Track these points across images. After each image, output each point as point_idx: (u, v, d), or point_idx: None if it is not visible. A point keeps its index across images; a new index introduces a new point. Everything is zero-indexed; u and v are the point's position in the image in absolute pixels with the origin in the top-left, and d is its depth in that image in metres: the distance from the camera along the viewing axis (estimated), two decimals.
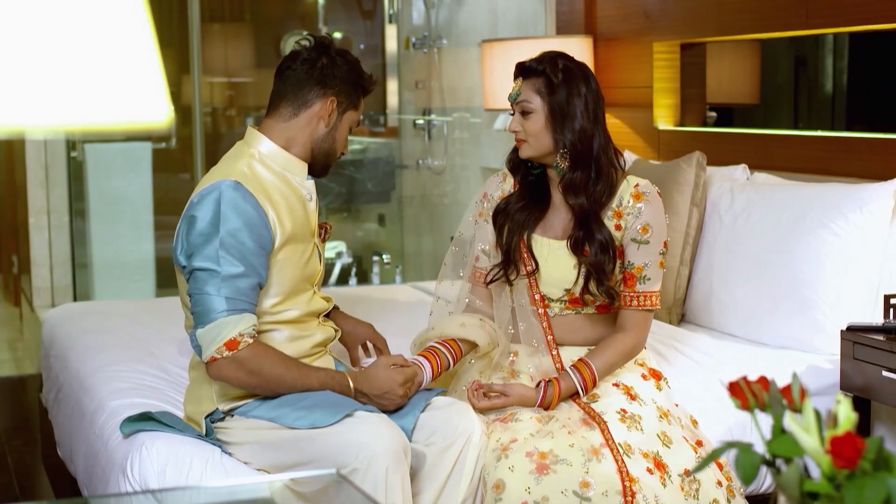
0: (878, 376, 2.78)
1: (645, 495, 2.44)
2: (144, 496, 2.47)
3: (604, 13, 4.74)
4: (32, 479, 4.12)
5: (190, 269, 2.47)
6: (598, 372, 2.66)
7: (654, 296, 2.71)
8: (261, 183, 2.54)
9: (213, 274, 2.43)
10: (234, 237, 2.44)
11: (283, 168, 2.59)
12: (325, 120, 2.60)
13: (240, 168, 2.54)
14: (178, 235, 2.52)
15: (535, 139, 2.68)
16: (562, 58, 2.70)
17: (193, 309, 2.47)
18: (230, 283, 2.43)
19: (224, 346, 2.42)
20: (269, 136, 2.60)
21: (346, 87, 2.62)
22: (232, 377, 2.47)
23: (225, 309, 2.42)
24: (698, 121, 4.44)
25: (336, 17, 6.92)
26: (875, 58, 4.06)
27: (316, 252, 2.66)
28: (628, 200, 2.70)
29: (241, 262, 2.45)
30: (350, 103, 2.64)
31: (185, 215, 2.51)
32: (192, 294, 2.47)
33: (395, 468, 2.36)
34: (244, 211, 2.46)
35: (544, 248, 2.74)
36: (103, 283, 5.81)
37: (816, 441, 1.37)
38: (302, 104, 2.60)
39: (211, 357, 2.43)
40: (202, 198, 2.48)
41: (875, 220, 3.14)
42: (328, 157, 2.65)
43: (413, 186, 6.53)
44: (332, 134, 2.63)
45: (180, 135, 6.19)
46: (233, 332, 2.42)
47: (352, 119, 2.66)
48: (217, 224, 2.44)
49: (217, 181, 2.50)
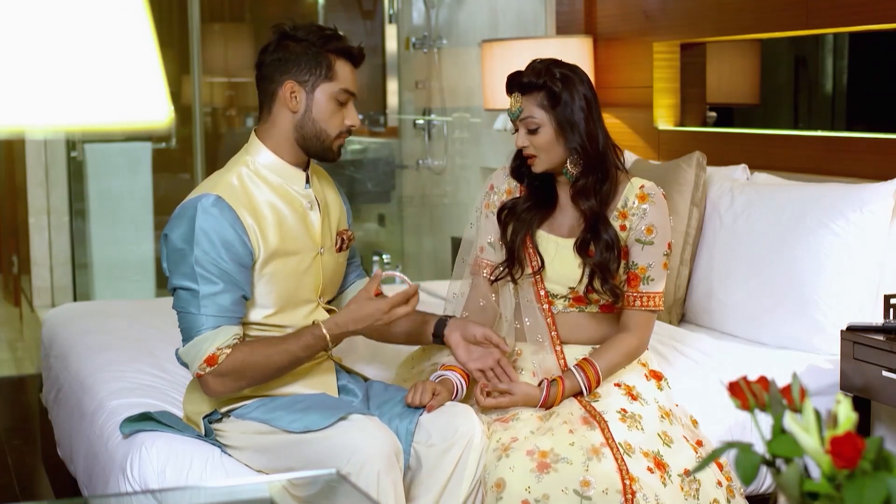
0: (878, 376, 2.78)
1: (645, 494, 2.44)
2: (144, 496, 2.47)
3: (604, 13, 4.74)
4: (32, 479, 4.12)
5: (171, 287, 2.48)
6: (602, 372, 2.66)
7: (657, 296, 2.71)
8: (248, 196, 2.50)
9: (193, 293, 2.43)
10: (208, 255, 2.42)
11: (281, 178, 2.55)
12: (291, 105, 2.52)
13: (228, 179, 2.51)
14: (162, 245, 2.51)
15: (546, 153, 2.67)
16: (555, 65, 2.68)
17: (179, 326, 2.49)
18: (210, 301, 2.42)
19: (205, 362, 2.42)
20: (263, 140, 2.57)
21: (306, 63, 2.51)
22: (222, 390, 2.47)
23: (202, 328, 2.42)
24: (698, 121, 4.44)
25: (336, 17, 6.93)
26: (875, 58, 4.06)
27: (319, 264, 2.60)
28: (633, 201, 2.70)
29: (220, 278, 2.43)
30: (317, 77, 2.52)
31: (164, 231, 2.49)
32: (177, 311, 2.48)
33: (386, 472, 2.35)
34: (218, 229, 2.43)
35: (551, 245, 2.74)
36: (103, 283, 5.82)
37: (816, 441, 1.37)
38: (271, 100, 2.56)
39: (196, 374, 2.46)
40: (180, 216, 2.47)
41: (875, 220, 3.14)
42: (319, 139, 2.54)
43: (413, 186, 6.53)
44: (310, 115, 2.53)
45: (180, 135, 6.20)
46: (211, 348, 2.42)
47: (329, 91, 2.52)
48: (191, 243, 2.42)
49: (198, 195, 2.47)
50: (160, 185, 6.02)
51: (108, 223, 5.86)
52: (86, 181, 5.80)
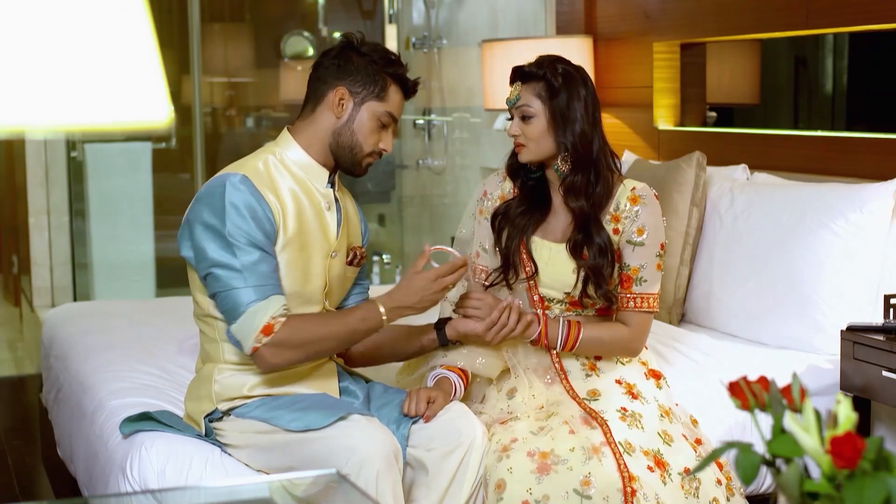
0: (878, 376, 2.78)
1: (645, 493, 2.45)
2: (144, 496, 2.47)
3: (604, 13, 4.74)
4: (32, 479, 4.12)
5: (207, 270, 2.46)
6: (582, 340, 2.68)
7: (651, 298, 2.71)
8: (272, 181, 2.54)
9: (232, 268, 2.43)
10: (241, 227, 2.44)
11: (305, 173, 2.58)
12: (336, 110, 2.57)
13: (253, 164, 2.55)
14: (186, 231, 2.51)
15: (535, 143, 2.68)
16: (560, 62, 2.70)
17: (221, 308, 2.47)
18: (252, 271, 2.43)
19: (261, 333, 2.42)
20: (295, 136, 2.60)
21: (362, 78, 2.57)
22: (280, 361, 2.46)
23: (253, 299, 2.42)
24: (698, 121, 4.44)
25: (336, 17, 6.93)
26: (875, 58, 4.07)
27: (328, 265, 2.60)
28: (625, 204, 2.70)
29: (255, 247, 2.45)
30: (368, 93, 2.57)
31: (192, 213, 2.50)
32: (217, 293, 2.46)
33: (385, 473, 2.35)
34: (248, 204, 2.46)
35: (544, 250, 2.74)
36: (103, 283, 5.82)
37: (816, 441, 1.37)
38: (318, 100, 2.60)
39: (252, 348, 2.43)
40: (207, 195, 2.49)
41: (875, 220, 3.14)
42: (352, 151, 2.59)
43: (413, 186, 6.53)
44: (350, 126, 2.58)
45: (180, 135, 6.20)
46: (265, 318, 2.42)
47: (375, 110, 2.58)
48: (223, 217, 2.44)
49: (225, 173, 2.51)
50: (160, 185, 6.02)
51: (108, 223, 5.86)
52: (86, 181, 5.79)
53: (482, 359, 2.71)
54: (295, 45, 6.74)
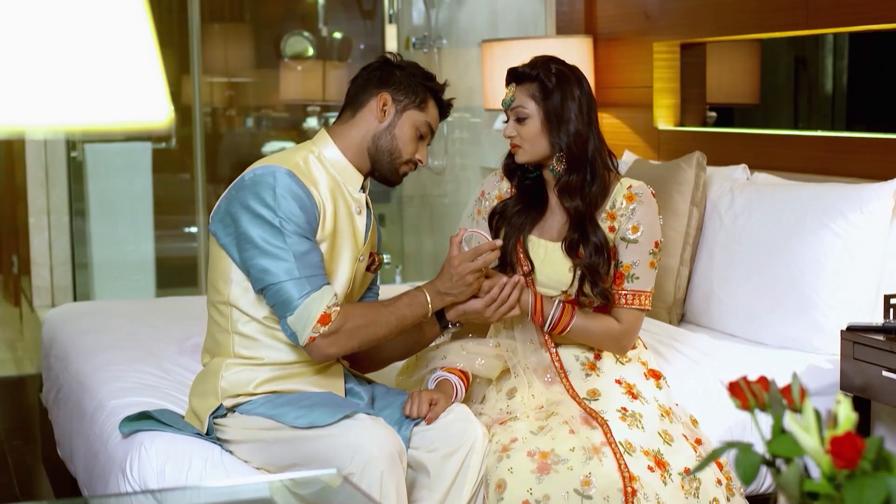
0: (878, 376, 2.79)
1: (646, 493, 2.45)
2: (144, 496, 2.47)
3: (604, 13, 4.74)
4: (32, 479, 4.12)
5: (253, 260, 2.46)
6: (573, 326, 2.69)
7: (643, 295, 2.71)
8: (313, 177, 2.56)
9: (283, 259, 2.44)
10: (292, 219, 2.46)
11: (340, 175, 2.60)
12: (378, 115, 2.61)
13: (295, 160, 2.56)
14: (227, 218, 2.51)
15: (530, 144, 2.69)
16: (554, 62, 2.71)
17: (271, 301, 2.47)
18: (304, 262, 2.45)
19: (318, 323, 2.43)
20: (334, 137, 2.63)
21: (405, 87, 2.63)
22: (334, 351, 2.48)
23: (307, 290, 2.43)
24: (698, 121, 4.44)
25: (336, 17, 6.93)
26: (875, 58, 4.07)
27: (354, 268, 2.61)
28: (622, 202, 2.71)
29: (305, 238, 2.47)
30: (410, 102, 2.63)
31: (237, 201, 2.49)
32: (268, 287, 2.46)
33: (389, 473, 2.36)
34: (298, 195, 2.47)
35: (540, 249, 2.74)
36: (103, 283, 5.82)
37: (816, 441, 1.37)
38: (360, 105, 2.63)
39: (309, 338, 2.44)
40: (255, 183, 2.49)
41: (875, 220, 3.14)
42: (392, 157, 2.62)
43: (413, 186, 6.53)
44: (391, 131, 2.61)
45: (180, 135, 6.20)
46: (322, 308, 2.43)
47: (416, 119, 2.63)
48: (275, 208, 2.46)
49: (271, 165, 2.51)
50: (160, 185, 6.03)
51: (108, 223, 5.86)
52: (86, 181, 5.80)
53: (482, 359, 2.71)
54: (295, 45, 6.74)
